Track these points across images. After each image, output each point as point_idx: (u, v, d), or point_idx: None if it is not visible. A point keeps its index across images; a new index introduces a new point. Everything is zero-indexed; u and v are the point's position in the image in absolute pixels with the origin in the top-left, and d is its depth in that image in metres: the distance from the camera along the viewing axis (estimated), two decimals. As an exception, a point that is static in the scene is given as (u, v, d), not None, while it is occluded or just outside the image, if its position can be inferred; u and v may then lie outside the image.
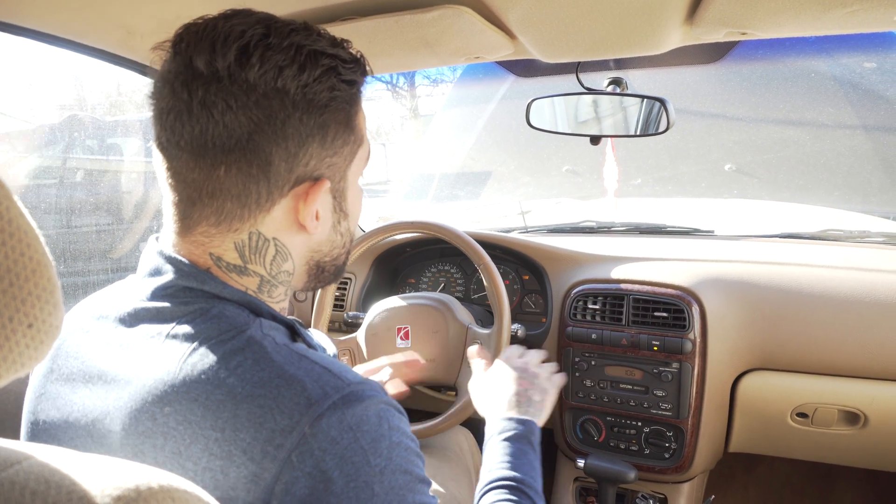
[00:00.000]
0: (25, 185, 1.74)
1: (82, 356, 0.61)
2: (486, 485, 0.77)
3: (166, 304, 0.57)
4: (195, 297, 0.57)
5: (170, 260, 0.59)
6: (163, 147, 0.58)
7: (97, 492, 0.34)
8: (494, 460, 0.80)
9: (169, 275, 0.58)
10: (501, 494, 0.75)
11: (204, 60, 0.54)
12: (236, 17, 0.57)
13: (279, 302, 0.65)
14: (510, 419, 0.86)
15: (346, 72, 0.59)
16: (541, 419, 0.91)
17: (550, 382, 0.99)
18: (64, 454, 0.39)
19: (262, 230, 0.60)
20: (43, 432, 0.62)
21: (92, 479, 0.35)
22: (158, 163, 0.59)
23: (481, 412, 0.96)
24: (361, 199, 0.69)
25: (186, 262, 0.58)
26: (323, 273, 0.68)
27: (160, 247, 0.60)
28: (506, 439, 0.83)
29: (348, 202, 0.66)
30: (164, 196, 0.60)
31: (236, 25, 0.55)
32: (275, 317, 0.61)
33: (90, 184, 1.88)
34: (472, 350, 1.10)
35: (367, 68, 0.63)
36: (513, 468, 0.78)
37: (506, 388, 0.94)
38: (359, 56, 0.61)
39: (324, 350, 0.68)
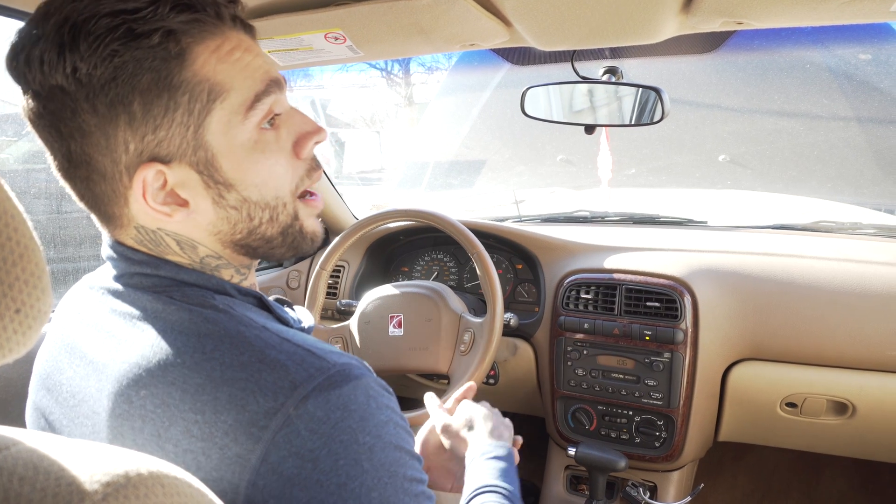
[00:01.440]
0: (15, 170, 1.72)
1: (68, 339, 0.61)
2: (480, 487, 0.77)
3: (129, 290, 0.57)
4: (153, 284, 0.57)
5: (115, 249, 0.58)
6: None
7: (86, 478, 0.34)
8: (484, 472, 0.80)
9: (121, 263, 0.58)
10: (497, 498, 0.76)
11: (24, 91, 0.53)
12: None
13: (240, 283, 0.62)
14: (492, 444, 0.86)
15: (141, 24, 0.48)
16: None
17: (507, 423, 0.94)
18: (53, 440, 0.39)
19: (143, 223, 0.56)
20: (41, 416, 0.62)
21: (81, 465, 0.35)
22: None
23: (457, 453, 0.91)
24: (267, 159, 0.56)
25: (133, 250, 0.57)
26: (257, 251, 0.60)
27: (105, 236, 0.60)
28: (492, 458, 0.82)
29: (225, 171, 0.54)
30: None
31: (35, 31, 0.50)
32: (240, 291, 0.59)
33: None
34: (428, 399, 1.02)
35: (186, 3, 0.51)
36: (504, 480, 0.78)
37: (480, 423, 0.91)
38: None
39: (300, 322, 0.65)
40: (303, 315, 0.69)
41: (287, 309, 0.67)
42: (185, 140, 0.52)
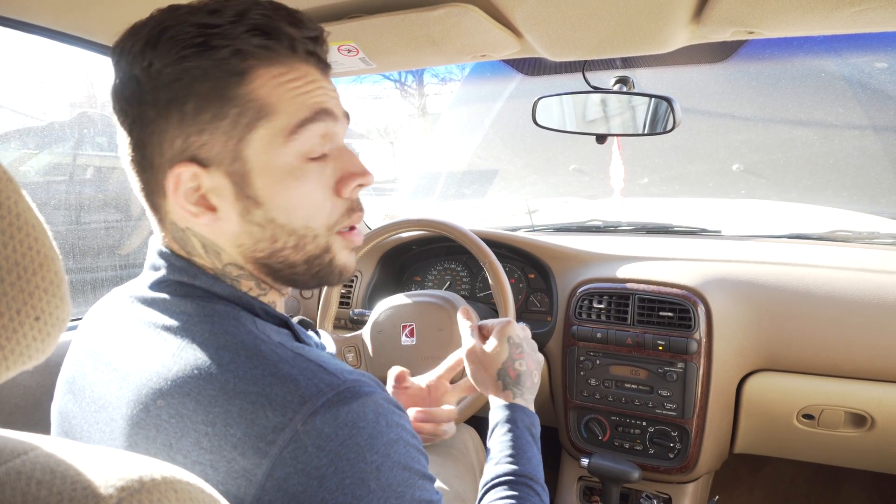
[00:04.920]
0: (36, 182, 1.76)
1: (95, 346, 0.62)
2: (490, 480, 0.76)
3: (162, 297, 0.59)
4: (187, 293, 0.58)
5: (162, 255, 0.60)
6: None
7: (101, 482, 0.34)
8: (498, 454, 0.78)
9: (163, 270, 0.60)
10: (504, 491, 0.74)
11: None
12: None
13: (259, 296, 0.63)
14: (514, 408, 0.82)
15: (217, 39, 0.53)
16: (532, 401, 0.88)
17: (538, 357, 0.91)
18: (69, 446, 0.39)
19: (175, 220, 0.59)
20: (64, 419, 0.63)
21: (96, 470, 0.36)
22: None
23: (479, 387, 0.89)
24: (300, 186, 0.57)
25: (176, 256, 0.60)
26: (279, 273, 0.61)
27: (156, 241, 0.62)
28: (510, 430, 0.80)
29: (256, 188, 0.56)
30: None
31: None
32: (268, 313, 0.60)
33: (99, 180, 1.90)
34: (461, 316, 0.96)
35: (274, 28, 0.55)
36: (515, 462, 0.76)
37: (510, 365, 0.85)
38: (237, 18, 0.54)
39: (323, 347, 0.66)
40: (326, 342, 0.70)
41: (311, 333, 0.68)
42: (225, 149, 0.55)
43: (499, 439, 0.80)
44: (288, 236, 0.59)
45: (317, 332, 0.71)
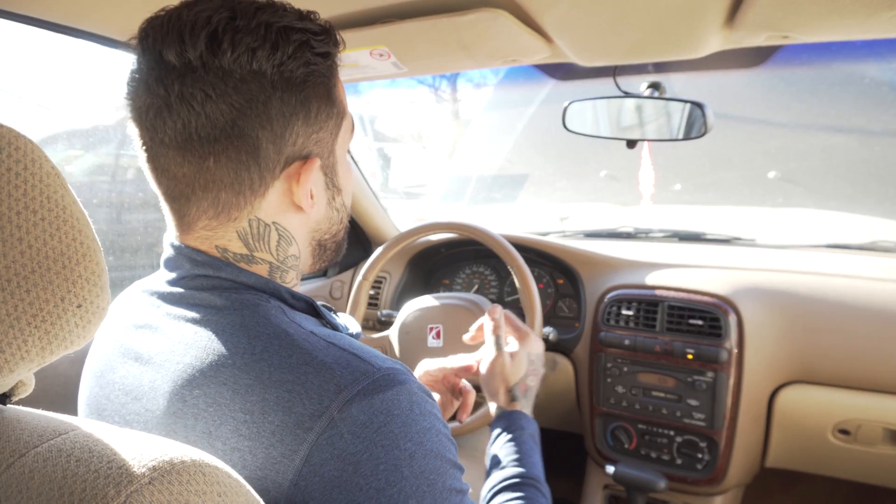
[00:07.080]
0: (81, 182, 1.83)
1: (122, 341, 0.64)
2: (499, 483, 0.80)
3: (188, 292, 0.59)
4: (213, 285, 0.59)
5: (182, 251, 0.60)
6: (147, 146, 0.57)
7: (135, 462, 0.36)
8: (504, 458, 0.83)
9: (184, 267, 0.60)
10: (513, 492, 0.78)
11: (174, 53, 0.53)
12: (200, 3, 0.55)
13: (293, 287, 0.66)
14: (520, 415, 0.89)
15: (319, 44, 0.58)
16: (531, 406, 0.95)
17: (542, 371, 0.98)
18: (106, 428, 0.41)
19: (261, 216, 0.59)
20: (93, 411, 0.65)
21: (131, 451, 0.37)
22: (144, 163, 0.59)
23: (488, 394, 0.93)
24: (351, 173, 0.70)
25: (198, 251, 0.59)
26: (325, 252, 0.69)
27: (172, 239, 0.62)
28: (516, 437, 0.85)
29: (339, 177, 0.66)
30: (159, 196, 0.61)
31: (201, 12, 0.54)
32: (294, 296, 0.62)
33: (140, 180, 1.96)
34: (489, 318, 0.98)
35: (338, 37, 0.61)
36: (522, 465, 0.81)
37: (524, 380, 0.94)
38: (328, 26, 0.60)
39: (347, 329, 0.67)
40: (349, 322, 0.72)
41: (333, 315, 0.69)
42: (326, 145, 0.62)
43: (504, 444, 0.84)
44: (346, 218, 0.70)
45: (337, 315, 0.72)
